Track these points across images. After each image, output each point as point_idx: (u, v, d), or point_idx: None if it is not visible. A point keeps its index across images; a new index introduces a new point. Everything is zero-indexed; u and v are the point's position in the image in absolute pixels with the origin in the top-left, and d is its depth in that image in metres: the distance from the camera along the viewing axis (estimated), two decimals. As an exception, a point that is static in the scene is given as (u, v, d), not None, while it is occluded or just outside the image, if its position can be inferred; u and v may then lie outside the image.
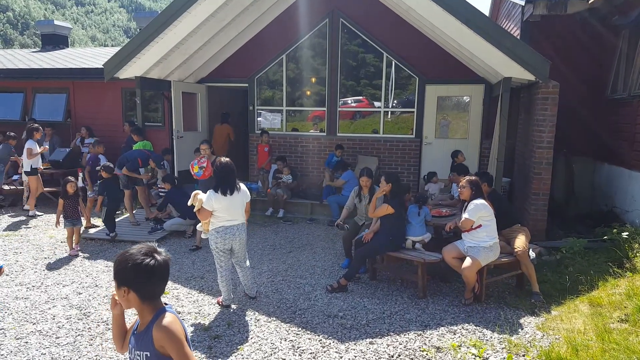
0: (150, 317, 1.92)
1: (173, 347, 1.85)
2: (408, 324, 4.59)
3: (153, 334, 1.87)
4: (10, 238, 7.32)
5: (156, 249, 1.93)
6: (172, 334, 1.86)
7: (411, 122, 9.69)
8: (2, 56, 14.42)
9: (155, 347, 1.88)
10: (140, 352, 1.93)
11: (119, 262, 1.89)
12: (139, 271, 1.85)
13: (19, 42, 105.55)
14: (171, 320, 1.90)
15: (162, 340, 1.86)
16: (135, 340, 1.99)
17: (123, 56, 8.30)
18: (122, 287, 1.88)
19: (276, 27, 9.99)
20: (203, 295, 5.28)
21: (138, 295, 1.89)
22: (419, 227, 5.58)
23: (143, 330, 1.93)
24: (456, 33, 6.72)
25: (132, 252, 1.89)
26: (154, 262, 1.87)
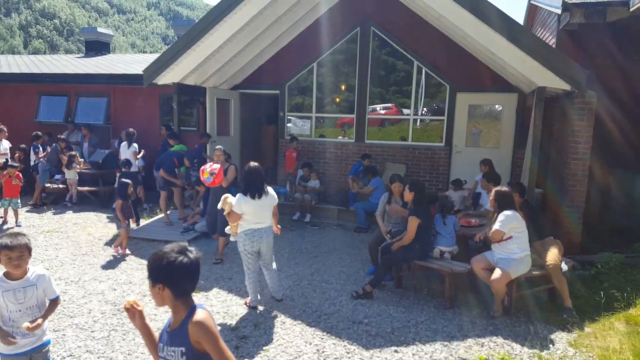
0: (184, 314, 2.00)
1: (209, 341, 1.93)
2: (434, 334, 4.56)
3: (189, 330, 1.95)
4: (52, 234, 7.66)
5: (188, 247, 2.02)
6: (208, 328, 1.94)
7: (440, 130, 9.62)
8: (49, 61, 15.13)
9: (191, 342, 1.95)
10: (175, 348, 1.99)
11: (153, 260, 1.98)
12: (173, 269, 1.94)
13: (64, 47, 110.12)
14: (205, 316, 1.98)
15: (198, 335, 1.93)
16: (168, 337, 2.05)
17: (161, 63, 8.59)
18: (157, 284, 1.97)
19: (308, 36, 10.13)
20: (231, 296, 5.39)
21: (172, 292, 1.97)
22: (449, 238, 5.54)
23: (177, 327, 2.00)
24: (489, 41, 6.66)
25: (166, 251, 1.98)
26: (187, 260, 1.97)
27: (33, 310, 2.97)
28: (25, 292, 2.94)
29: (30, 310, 2.96)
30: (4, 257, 2.87)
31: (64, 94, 12.59)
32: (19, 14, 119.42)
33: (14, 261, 2.86)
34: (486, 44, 6.81)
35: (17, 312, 2.92)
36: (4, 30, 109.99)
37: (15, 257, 2.86)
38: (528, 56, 6.26)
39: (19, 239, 2.90)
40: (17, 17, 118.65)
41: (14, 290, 2.91)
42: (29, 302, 2.95)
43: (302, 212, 9.00)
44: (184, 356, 1.98)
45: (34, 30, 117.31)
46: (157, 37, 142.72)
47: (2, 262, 2.90)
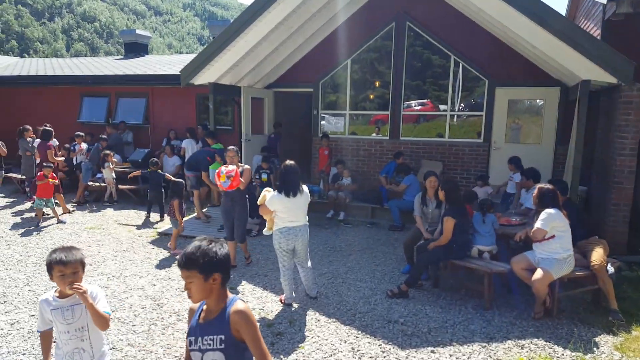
0: (224, 304, 2.09)
1: (249, 330, 2.01)
2: (472, 335, 4.46)
3: (230, 318, 2.03)
4: (94, 231, 7.93)
5: (212, 238, 2.12)
6: (249, 318, 2.03)
7: (479, 126, 9.40)
8: (90, 63, 15.66)
9: (231, 330, 2.03)
10: (213, 337, 2.06)
11: (203, 254, 2.04)
12: (222, 257, 2.06)
13: (104, 50, 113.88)
14: (247, 306, 2.08)
15: (240, 324, 2.02)
16: (202, 328, 2.11)
17: (198, 63, 8.74)
18: (213, 274, 2.04)
19: (342, 33, 10.08)
20: (267, 293, 5.44)
21: (222, 280, 2.08)
22: (488, 237, 5.41)
23: (216, 316, 2.08)
24: (529, 34, 6.45)
25: (206, 245, 2.07)
26: (224, 248, 2.11)
27: (82, 333, 2.69)
28: (74, 311, 2.67)
29: (79, 333, 2.68)
30: (57, 273, 2.61)
31: (105, 95, 13.02)
32: (61, 18, 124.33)
33: (67, 277, 2.61)
34: (526, 36, 6.60)
35: (65, 333, 2.67)
36: (48, 34, 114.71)
37: (70, 273, 2.62)
38: (571, 48, 6.03)
39: (73, 253, 2.65)
40: (60, 21, 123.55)
41: (62, 308, 2.66)
42: (77, 322, 2.67)
43: (336, 210, 8.98)
44: (222, 344, 2.05)
45: (76, 33, 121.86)
46: (193, 37, 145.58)
47: (55, 279, 2.63)
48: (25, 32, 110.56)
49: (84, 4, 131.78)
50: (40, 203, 8.27)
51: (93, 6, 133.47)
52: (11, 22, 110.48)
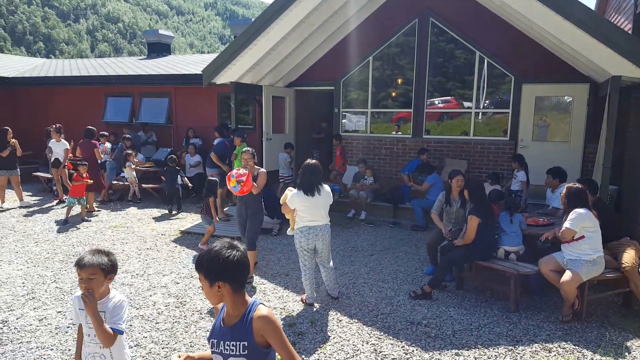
0: (244, 309, 2.04)
1: (275, 335, 1.98)
2: (498, 338, 4.36)
3: (254, 324, 1.99)
4: (118, 229, 8.05)
5: (233, 243, 2.05)
6: (274, 323, 1.99)
7: (505, 124, 9.21)
8: (114, 63, 15.91)
9: (254, 336, 2.00)
10: (236, 342, 2.02)
11: (209, 259, 1.99)
12: (230, 264, 1.98)
13: (127, 50, 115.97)
14: (270, 311, 2.03)
15: (264, 329, 1.98)
16: (224, 332, 2.07)
17: (219, 63, 8.78)
18: (217, 282, 1.99)
19: (363, 30, 10.00)
20: (288, 292, 5.42)
21: (231, 287, 2.00)
22: (515, 237, 5.28)
23: (237, 321, 2.03)
24: (557, 29, 6.27)
25: (217, 249, 2.01)
26: (240, 254, 2.01)
27: (97, 341, 2.58)
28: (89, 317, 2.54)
29: (96, 340, 2.58)
30: (77, 276, 2.56)
31: (129, 95, 13.21)
32: (86, 20, 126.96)
33: (83, 282, 2.52)
34: (554, 31, 6.42)
35: (87, 336, 2.63)
36: (73, 36, 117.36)
37: (85, 277, 2.51)
38: (600, 43, 5.84)
39: (95, 257, 2.53)
40: (85, 22, 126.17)
41: (84, 311, 2.55)
42: (93, 330, 2.55)
43: (357, 210, 8.92)
44: (245, 350, 2.01)
45: (100, 34, 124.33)
46: (214, 37, 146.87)
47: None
48: (52, 33, 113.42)
49: (107, 5, 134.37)
50: (72, 201, 8.42)
51: (117, 7, 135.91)
52: (38, 24, 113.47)
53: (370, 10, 9.79)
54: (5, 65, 15.99)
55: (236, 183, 5.30)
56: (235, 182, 5.30)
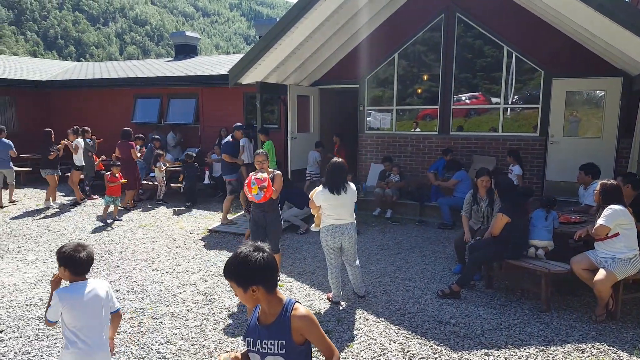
0: (280, 308, 2.05)
1: (315, 332, 2.04)
2: (529, 338, 4.28)
3: (292, 323, 2.01)
4: (148, 228, 8.22)
5: (258, 245, 2.05)
6: (313, 321, 2.04)
7: (534, 119, 8.99)
8: (143, 65, 16.25)
9: (292, 335, 2.02)
10: (274, 341, 2.05)
11: (238, 266, 1.99)
12: (260, 267, 1.98)
13: (155, 52, 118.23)
14: (307, 309, 2.07)
15: (304, 328, 2.02)
16: (261, 331, 2.09)
17: (245, 63, 8.86)
18: (250, 287, 1.99)
19: (388, 27, 9.93)
20: (314, 290, 5.44)
21: (265, 289, 2.01)
22: (545, 232, 5.16)
23: (274, 320, 2.05)
24: (587, 21, 6.09)
25: (245, 253, 2.00)
26: (267, 254, 2.02)
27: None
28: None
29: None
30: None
31: (157, 97, 13.46)
32: (115, 23, 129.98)
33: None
34: (584, 24, 6.24)
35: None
36: (103, 39, 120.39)
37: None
38: (635, 36, 5.63)
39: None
40: (114, 25, 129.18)
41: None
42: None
43: (383, 208, 8.87)
44: (284, 349, 2.04)
45: (128, 37, 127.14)
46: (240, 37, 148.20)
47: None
48: (82, 37, 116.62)
49: (136, 8, 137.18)
50: (109, 200, 8.60)
51: (144, 10, 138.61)
52: (69, 28, 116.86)
53: (395, 7, 9.71)
54: (39, 69, 16.53)
55: (259, 190, 4.85)
56: (257, 190, 4.85)
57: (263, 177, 4.89)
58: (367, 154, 10.53)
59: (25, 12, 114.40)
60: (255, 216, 5.34)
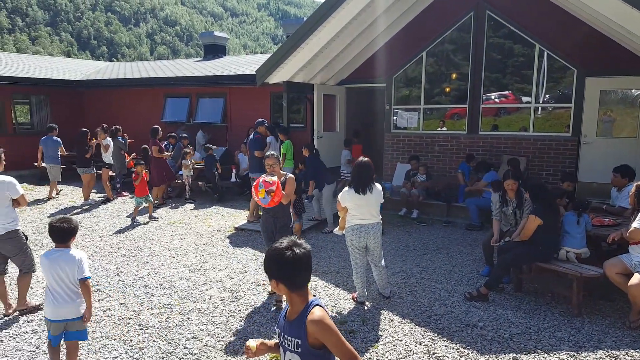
0: (302, 307, 2.07)
1: (330, 338, 2.00)
2: (559, 343, 4.17)
3: (307, 327, 2.02)
4: (177, 225, 8.37)
5: (296, 242, 2.07)
6: (327, 326, 2.00)
7: (566, 119, 8.76)
8: (172, 65, 16.55)
9: (307, 338, 2.03)
10: (291, 339, 2.08)
11: (266, 258, 2.08)
12: (282, 264, 2.01)
13: (184, 52, 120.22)
14: (323, 314, 2.03)
15: (318, 333, 2.00)
16: (285, 325, 2.15)
17: (272, 63, 8.92)
18: (272, 279, 2.07)
19: (416, 25, 9.82)
20: (339, 290, 5.44)
21: (286, 286, 2.05)
22: (580, 239, 5.02)
23: (295, 318, 2.08)
24: (623, 18, 5.88)
25: (276, 247, 2.06)
26: (294, 254, 2.02)
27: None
28: None
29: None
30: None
31: (186, 96, 13.69)
32: (145, 23, 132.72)
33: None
34: (619, 20, 6.02)
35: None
36: (134, 39, 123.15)
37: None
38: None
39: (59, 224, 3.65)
40: (145, 26, 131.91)
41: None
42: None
43: (409, 208, 8.79)
44: (299, 348, 2.06)
45: (159, 37, 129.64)
46: (267, 37, 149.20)
47: None
48: (114, 37, 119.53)
49: (166, 8, 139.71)
50: (140, 201, 8.69)
51: (174, 10, 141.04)
52: (102, 29, 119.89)
53: (424, 5, 9.60)
54: (73, 69, 17.04)
55: (266, 194, 4.58)
56: (264, 193, 4.58)
57: (272, 180, 4.63)
58: (393, 153, 10.46)
59: (60, 13, 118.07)
60: (265, 221, 5.06)
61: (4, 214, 4.60)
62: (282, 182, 4.82)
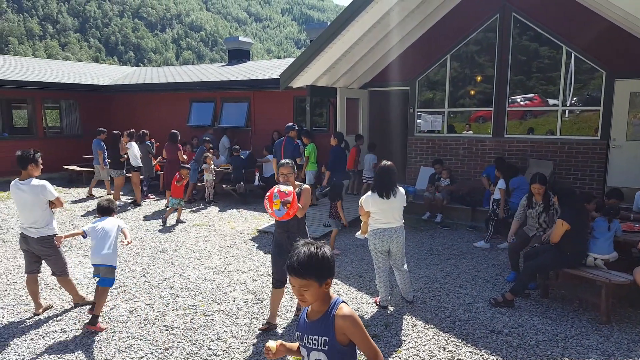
0: (327, 306, 2.09)
1: (358, 332, 2.05)
2: (587, 351, 4.07)
3: (336, 322, 2.05)
4: (201, 227, 8.49)
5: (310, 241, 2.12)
6: (357, 321, 2.05)
7: (595, 122, 8.56)
8: (198, 70, 16.82)
9: (335, 333, 2.06)
10: (318, 337, 2.10)
11: (317, 261, 2.03)
12: (332, 262, 2.09)
13: (209, 57, 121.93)
14: (351, 309, 2.09)
15: (347, 328, 2.04)
16: (307, 325, 2.14)
17: (296, 67, 8.98)
18: (325, 280, 2.07)
19: (441, 28, 9.76)
20: (361, 294, 5.43)
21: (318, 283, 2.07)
22: (608, 245, 4.89)
23: (321, 317, 2.10)
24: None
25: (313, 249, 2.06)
26: (329, 250, 2.11)
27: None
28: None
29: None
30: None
31: (211, 100, 13.88)
32: (171, 29, 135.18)
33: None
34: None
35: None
36: (160, 45, 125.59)
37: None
38: None
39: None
40: (170, 31, 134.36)
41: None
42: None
43: (432, 212, 8.71)
44: (326, 345, 2.08)
45: (184, 42, 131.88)
46: (290, 41, 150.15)
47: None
48: (141, 43, 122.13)
49: (191, 14, 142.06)
50: (175, 202, 8.77)
51: (199, 16, 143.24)
52: (129, 34, 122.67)
53: (448, 8, 9.53)
54: (101, 74, 17.49)
55: (281, 205, 4.06)
56: (279, 205, 4.06)
57: (288, 190, 4.12)
58: (416, 156, 10.40)
59: (89, 19, 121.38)
60: (277, 237, 4.54)
61: (40, 217, 4.73)
62: (297, 193, 4.32)
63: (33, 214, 4.70)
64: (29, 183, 4.69)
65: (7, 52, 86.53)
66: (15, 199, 4.76)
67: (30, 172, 4.75)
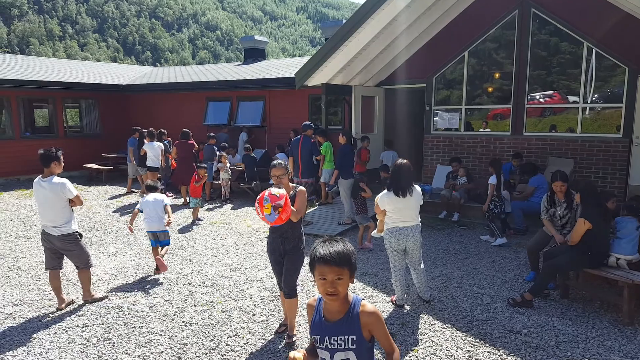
0: (348, 305, 2.09)
1: (381, 328, 2.09)
2: (608, 353, 4.00)
3: (361, 319, 2.06)
4: (218, 225, 8.56)
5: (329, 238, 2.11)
6: (380, 317, 2.10)
7: (617, 119, 8.39)
8: (214, 69, 16.94)
9: (362, 330, 2.07)
10: (343, 337, 2.08)
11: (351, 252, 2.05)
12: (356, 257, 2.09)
13: (225, 56, 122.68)
14: (374, 306, 2.12)
15: (373, 324, 2.07)
16: (328, 327, 2.11)
17: (311, 66, 8.98)
18: (354, 273, 2.08)
19: (458, 25, 9.66)
20: (377, 292, 5.41)
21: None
22: (632, 245, 4.78)
23: (343, 316, 2.08)
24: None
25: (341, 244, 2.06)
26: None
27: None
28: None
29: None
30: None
31: (227, 99, 13.97)
32: (188, 29, 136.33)
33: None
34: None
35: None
36: (176, 44, 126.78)
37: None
38: None
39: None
40: (187, 31, 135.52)
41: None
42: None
43: (449, 211, 8.64)
44: (354, 344, 2.08)
45: (200, 42, 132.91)
46: (305, 40, 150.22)
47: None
48: (158, 43, 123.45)
49: (207, 13, 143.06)
50: (197, 202, 8.75)
51: (215, 15, 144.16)
52: (146, 34, 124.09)
53: (466, 4, 9.43)
54: (119, 74, 17.74)
55: (272, 210, 3.72)
56: (270, 209, 3.72)
57: (280, 193, 3.77)
58: (433, 154, 10.32)
59: (107, 20, 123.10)
60: (272, 243, 4.33)
61: (59, 214, 4.82)
62: (291, 196, 4.06)
63: (53, 211, 4.79)
64: (50, 181, 4.79)
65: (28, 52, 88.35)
66: (37, 195, 4.86)
67: (53, 170, 4.85)
